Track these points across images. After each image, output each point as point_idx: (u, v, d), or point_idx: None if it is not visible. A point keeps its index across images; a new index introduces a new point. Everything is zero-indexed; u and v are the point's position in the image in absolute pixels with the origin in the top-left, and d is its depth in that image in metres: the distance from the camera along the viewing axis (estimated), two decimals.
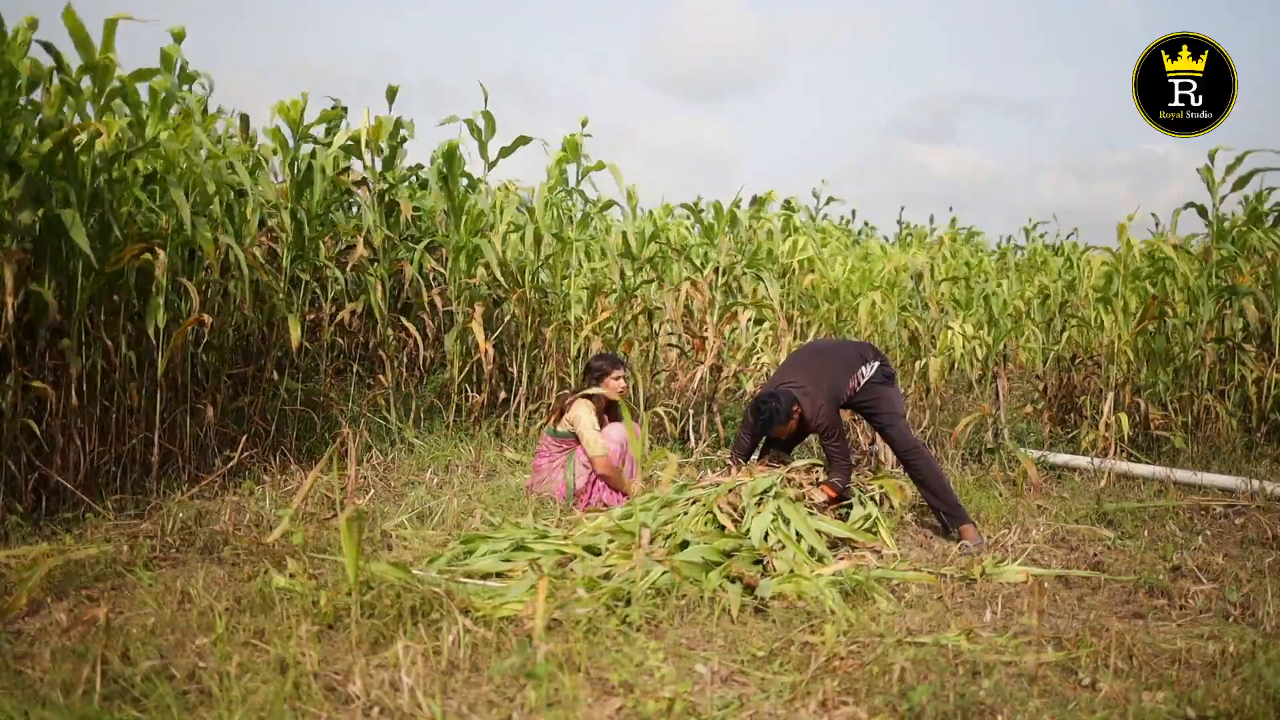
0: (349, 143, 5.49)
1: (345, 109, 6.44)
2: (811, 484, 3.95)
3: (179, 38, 4.39)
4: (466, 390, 5.66)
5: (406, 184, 6.92)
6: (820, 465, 4.14)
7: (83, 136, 3.57)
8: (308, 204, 5.06)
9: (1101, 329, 5.91)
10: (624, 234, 6.12)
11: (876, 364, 4.19)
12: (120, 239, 3.82)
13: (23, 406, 3.55)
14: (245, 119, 5.47)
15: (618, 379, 4.39)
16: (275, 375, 4.87)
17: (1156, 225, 9.84)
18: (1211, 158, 5.96)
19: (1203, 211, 6.14)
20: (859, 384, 4.14)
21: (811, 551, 3.42)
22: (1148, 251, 6.01)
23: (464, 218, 5.62)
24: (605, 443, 4.24)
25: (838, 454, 3.99)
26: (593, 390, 4.37)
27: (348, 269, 5.51)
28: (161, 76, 4.10)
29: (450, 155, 5.65)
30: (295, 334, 4.55)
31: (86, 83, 3.72)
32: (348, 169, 5.54)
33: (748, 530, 3.41)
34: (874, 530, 3.82)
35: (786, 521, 3.51)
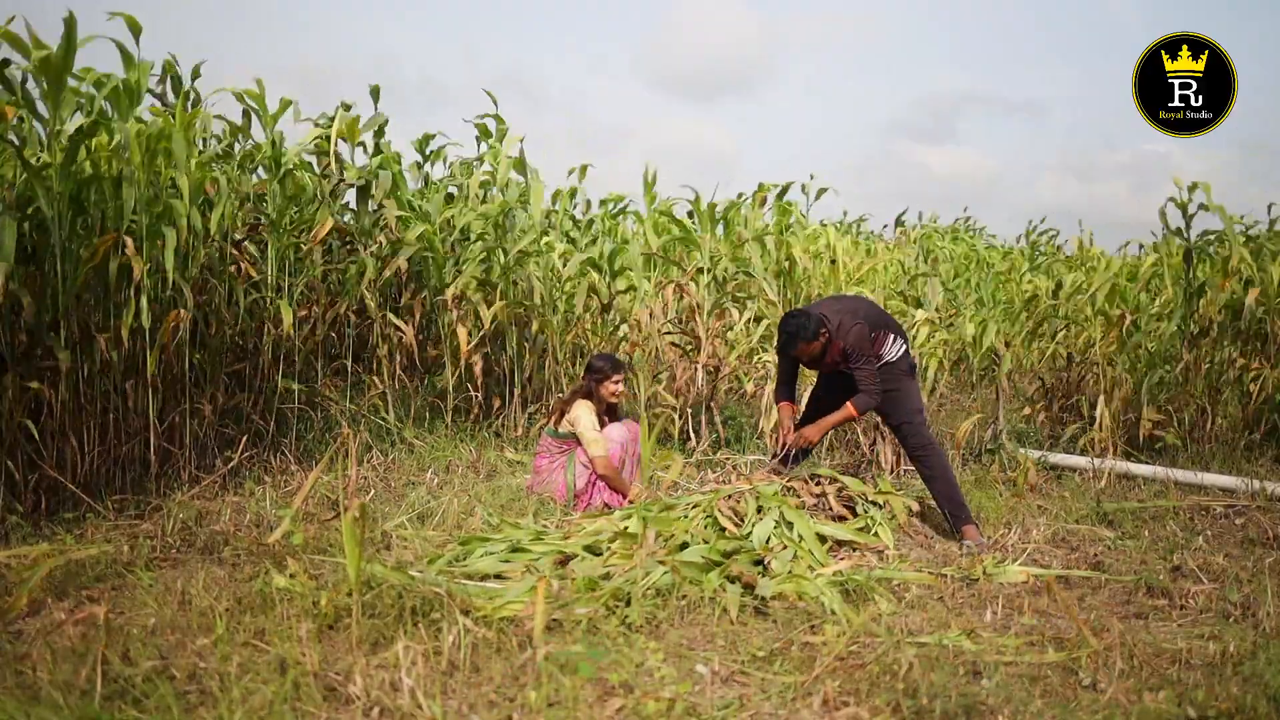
0: (324, 139, 5.50)
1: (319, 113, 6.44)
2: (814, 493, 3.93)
3: (135, 31, 4.33)
4: (467, 389, 5.66)
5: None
6: (822, 476, 4.13)
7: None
8: (286, 196, 5.04)
9: (1085, 333, 5.94)
10: (596, 250, 6.14)
11: (904, 346, 4.06)
12: (90, 236, 3.81)
13: (22, 407, 3.55)
14: (247, 116, 5.47)
15: (615, 383, 4.34)
16: (273, 374, 4.86)
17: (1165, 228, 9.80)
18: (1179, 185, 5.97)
19: (1179, 233, 6.16)
20: (882, 352, 3.99)
21: (819, 539, 3.43)
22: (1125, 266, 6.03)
23: (430, 226, 5.61)
24: (605, 443, 4.23)
25: (867, 378, 3.86)
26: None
27: (351, 264, 5.50)
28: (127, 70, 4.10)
29: (389, 164, 5.65)
30: (287, 319, 4.54)
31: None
32: (325, 160, 5.53)
33: (749, 534, 3.41)
34: (875, 534, 3.81)
35: (790, 526, 3.51)
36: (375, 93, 6.06)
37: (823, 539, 3.56)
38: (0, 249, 3.39)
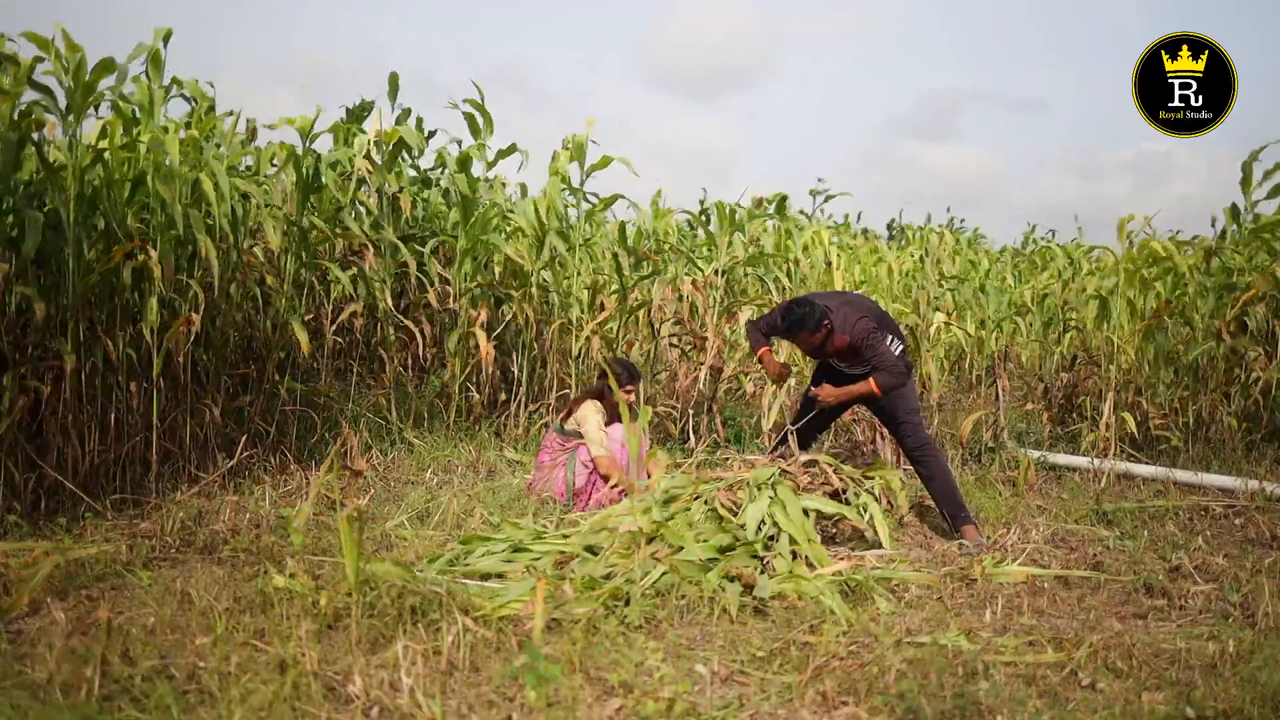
0: (369, 144, 5.55)
1: (371, 103, 6.47)
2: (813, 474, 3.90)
3: (165, 38, 4.37)
4: (468, 389, 5.67)
5: (412, 184, 6.92)
6: (821, 462, 4.12)
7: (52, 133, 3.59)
8: (315, 208, 5.05)
9: (1100, 329, 5.91)
10: (622, 226, 6.13)
11: (901, 346, 4.05)
12: (102, 238, 3.83)
13: (22, 406, 3.55)
14: (252, 126, 5.50)
15: (628, 392, 4.35)
16: (276, 376, 4.87)
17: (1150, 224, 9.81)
18: (1255, 159, 5.91)
19: (1236, 214, 6.12)
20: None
21: (814, 533, 3.43)
22: (1149, 252, 5.97)
23: (473, 220, 5.62)
24: (609, 443, 4.24)
25: (886, 361, 3.82)
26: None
27: (367, 270, 5.50)
28: (147, 77, 4.12)
29: (465, 161, 5.67)
30: (304, 340, 4.54)
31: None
32: (357, 176, 5.57)
33: (744, 523, 3.40)
34: (871, 524, 3.79)
35: (784, 506, 3.48)
36: (393, 88, 6.05)
37: (819, 537, 3.56)
38: (23, 242, 3.42)
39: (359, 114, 6.70)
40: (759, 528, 3.38)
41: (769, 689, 2.33)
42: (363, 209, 6.04)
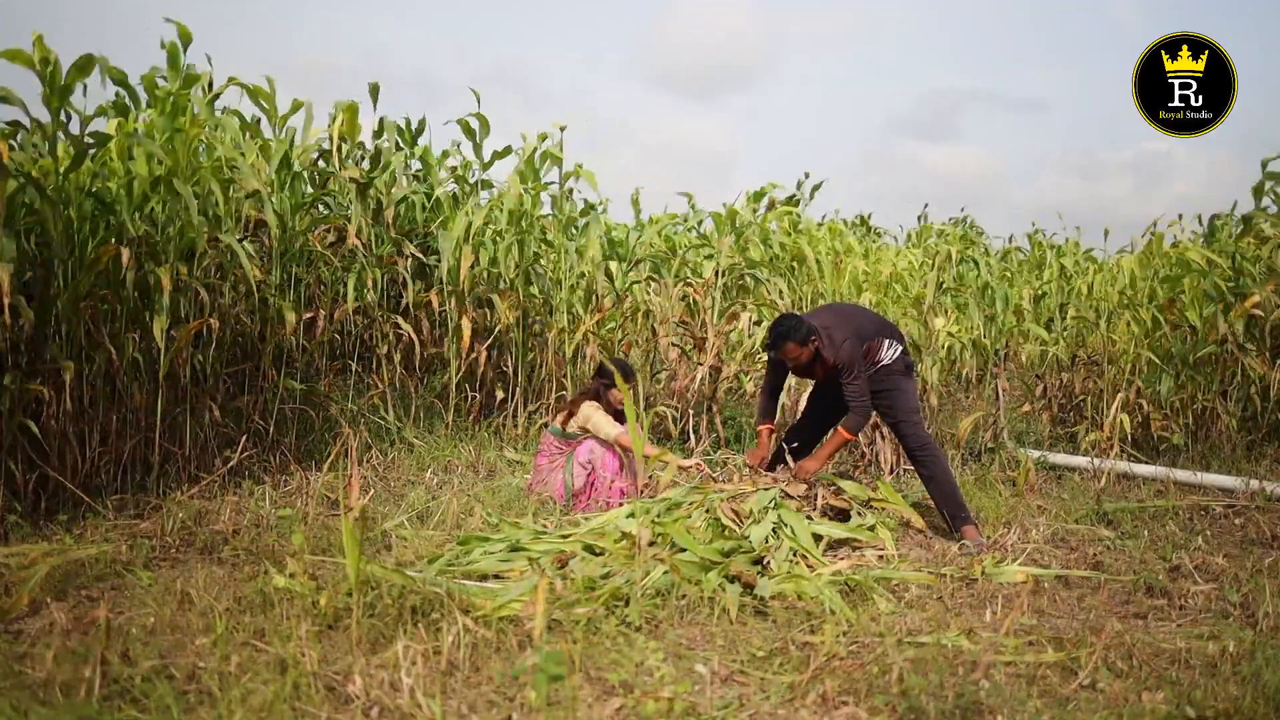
0: (329, 137, 5.55)
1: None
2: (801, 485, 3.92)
3: (185, 39, 4.38)
4: (466, 389, 5.66)
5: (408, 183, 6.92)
6: (824, 480, 4.12)
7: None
8: (290, 196, 5.04)
9: (1112, 330, 5.92)
10: (609, 237, 6.15)
11: (900, 348, 4.07)
12: (104, 242, 3.83)
13: (22, 406, 3.55)
14: (256, 120, 5.51)
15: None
16: (274, 374, 4.86)
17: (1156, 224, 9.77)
18: None
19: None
20: (879, 358, 4.02)
21: (815, 541, 3.43)
22: (1183, 257, 5.93)
23: (443, 219, 5.62)
24: (619, 427, 4.27)
25: (856, 395, 3.91)
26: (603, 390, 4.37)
27: (358, 262, 5.50)
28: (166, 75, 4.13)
29: (425, 158, 5.69)
30: (290, 320, 4.54)
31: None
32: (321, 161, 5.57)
33: (748, 534, 3.41)
34: (874, 530, 3.81)
35: (792, 532, 3.51)
36: (374, 91, 6.12)
37: (819, 538, 3.56)
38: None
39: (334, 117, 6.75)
40: (765, 540, 3.40)
41: (769, 689, 2.33)
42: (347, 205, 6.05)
